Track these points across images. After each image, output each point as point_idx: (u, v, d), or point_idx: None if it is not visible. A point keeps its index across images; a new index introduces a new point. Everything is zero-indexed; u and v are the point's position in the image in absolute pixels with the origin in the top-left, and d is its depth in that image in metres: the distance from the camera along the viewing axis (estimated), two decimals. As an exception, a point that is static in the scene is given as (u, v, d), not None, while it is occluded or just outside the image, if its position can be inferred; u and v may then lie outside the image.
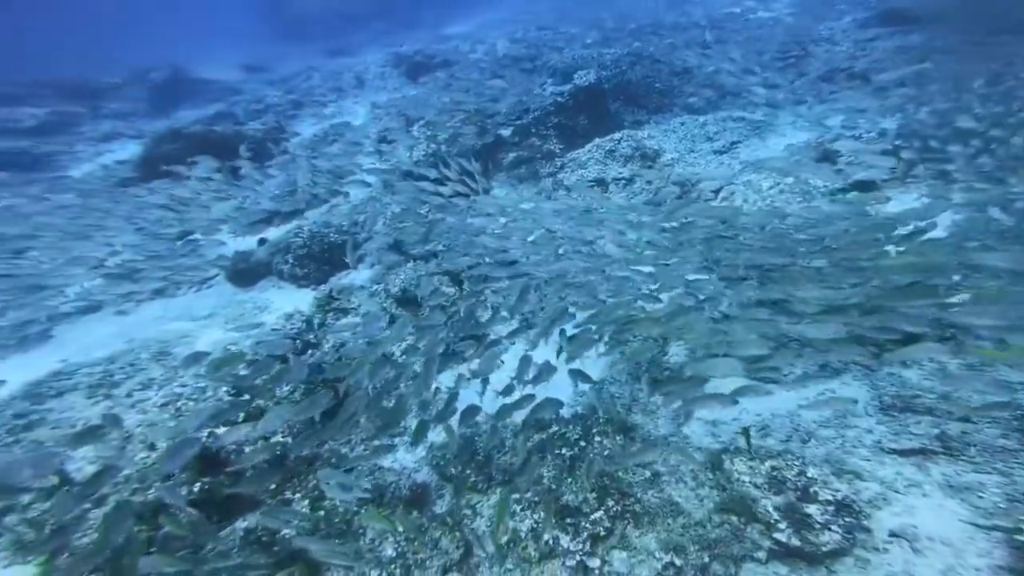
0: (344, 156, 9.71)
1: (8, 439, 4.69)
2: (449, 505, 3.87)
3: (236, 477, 3.83)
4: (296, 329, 5.76)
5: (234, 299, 7.77)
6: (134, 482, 3.77)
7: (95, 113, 16.73)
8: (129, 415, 4.66)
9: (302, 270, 7.61)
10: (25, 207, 7.47)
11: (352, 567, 3.41)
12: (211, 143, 10.31)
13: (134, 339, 6.62)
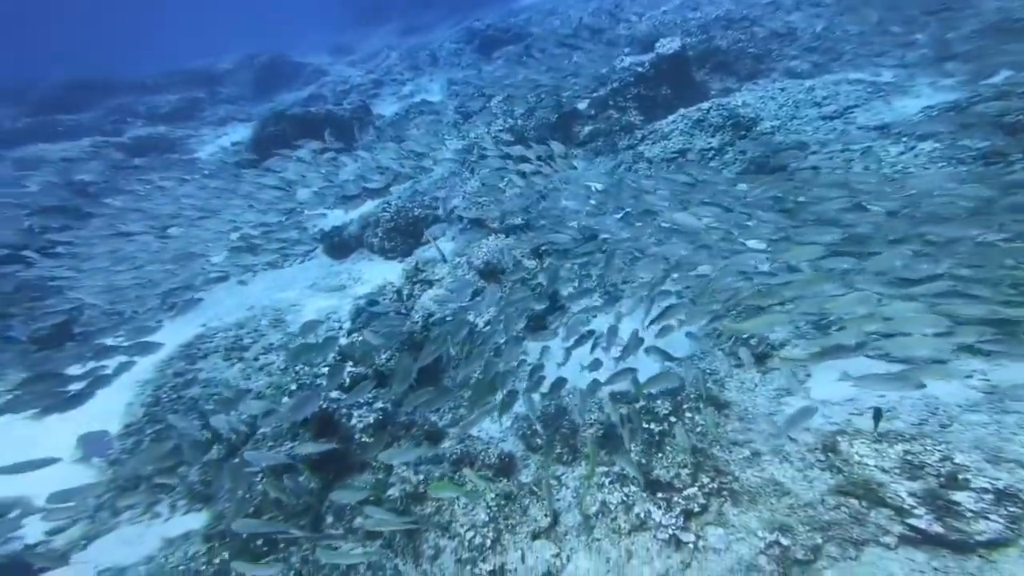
0: (424, 133, 9.61)
1: (174, 395, 5.15)
2: (535, 475, 3.82)
3: (347, 440, 3.98)
4: (388, 299, 5.85)
5: (331, 270, 8.07)
6: (269, 440, 3.99)
7: (213, 98, 17.71)
8: (259, 377, 4.98)
9: (389, 243, 7.75)
10: (169, 187, 8.03)
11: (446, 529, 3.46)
12: (308, 124, 10.57)
13: (254, 307, 7.07)
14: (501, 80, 10.12)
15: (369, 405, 4.19)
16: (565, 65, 8.97)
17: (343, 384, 4.47)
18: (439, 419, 4.55)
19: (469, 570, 3.27)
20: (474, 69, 14.46)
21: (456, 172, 8.32)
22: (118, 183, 10.02)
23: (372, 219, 7.98)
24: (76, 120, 15.15)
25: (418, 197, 8.08)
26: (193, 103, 17.29)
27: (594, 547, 3.26)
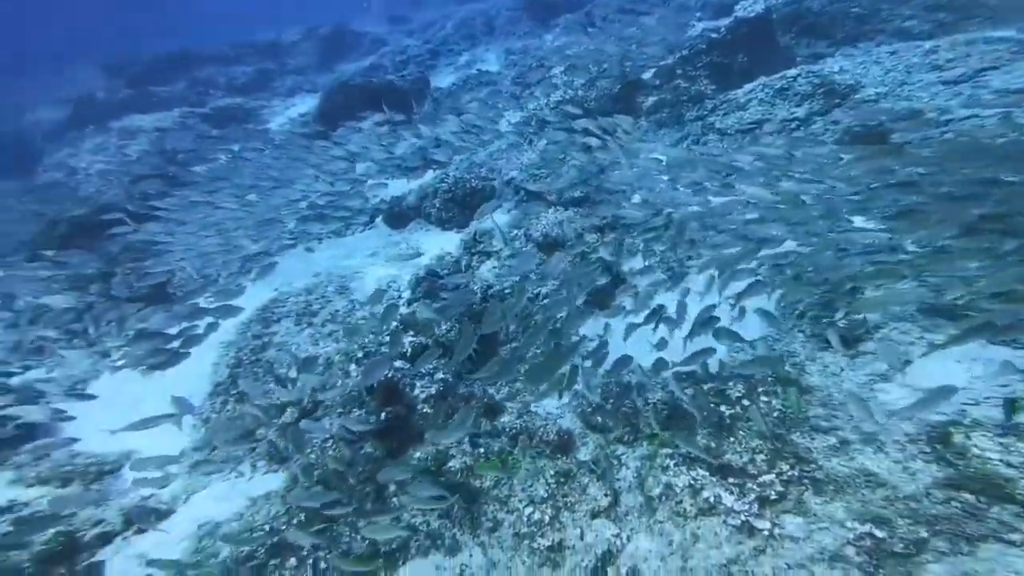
0: (481, 105, 9.31)
1: (253, 357, 5.39)
2: (594, 453, 3.73)
3: (409, 410, 4.02)
4: (447, 270, 5.81)
5: (390, 239, 8.14)
6: (337, 406, 4.09)
7: (282, 69, 18.02)
8: (327, 343, 5.11)
9: (447, 213, 7.68)
10: (248, 157, 8.25)
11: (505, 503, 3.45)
12: (370, 94, 10.53)
13: (320, 273, 7.25)
14: (562, 49, 9.53)
15: (431, 376, 4.20)
16: (631, 33, 8.28)
17: (405, 353, 4.51)
18: (496, 392, 4.53)
19: (527, 544, 3.26)
20: (532, 38, 13.81)
21: (514, 144, 8.05)
22: (204, 152, 10.44)
23: (430, 190, 7.92)
24: (168, 91, 15.87)
25: (475, 169, 7.92)
26: (265, 74, 17.66)
27: (656, 528, 3.15)
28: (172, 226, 6.93)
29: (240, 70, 17.50)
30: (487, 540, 3.42)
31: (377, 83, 11.15)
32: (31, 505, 4.17)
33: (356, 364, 4.44)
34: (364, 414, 4.00)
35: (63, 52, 20.13)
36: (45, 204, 8.68)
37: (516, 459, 3.71)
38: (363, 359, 4.49)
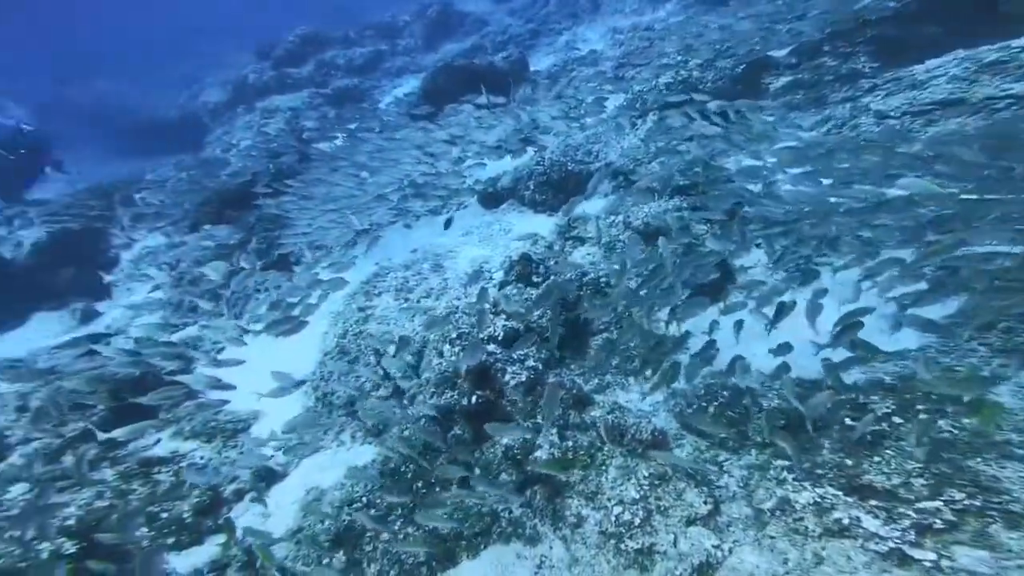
0: (582, 85, 8.79)
1: (356, 328, 5.64)
2: (692, 457, 3.40)
3: (499, 395, 3.94)
4: (540, 255, 5.61)
5: (483, 219, 8.08)
6: (431, 386, 4.12)
7: (393, 50, 18.52)
8: (423, 319, 5.16)
9: (540, 196, 7.44)
10: (361, 136, 8.54)
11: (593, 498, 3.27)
12: (472, 76, 10.40)
13: (417, 250, 7.40)
14: (678, 27, 8.56)
15: (522, 362, 4.08)
16: (774, 8, 6.78)
17: (497, 337, 4.43)
18: (585, 383, 4.32)
19: (614, 544, 3.08)
20: (640, 15, 12.73)
21: (616, 128, 7.51)
22: (326, 131, 11.05)
23: (525, 172, 7.71)
24: (299, 73, 17.00)
25: (571, 152, 7.54)
26: (378, 55, 18.22)
27: (766, 544, 2.82)
28: (299, 200, 7.41)
29: (358, 51, 18.21)
30: (569, 535, 3.29)
31: (478, 64, 10.99)
32: (187, 457, 4.69)
33: (450, 345, 4.43)
34: (456, 396, 3.98)
35: (231, 34, 22.05)
36: (206, 176, 9.77)
37: (602, 456, 3.50)
38: (457, 340, 4.48)
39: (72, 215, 10.00)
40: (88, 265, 9.54)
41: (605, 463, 3.48)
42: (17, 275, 9.06)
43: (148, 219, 10.40)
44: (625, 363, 4.42)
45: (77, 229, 9.83)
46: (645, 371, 3.85)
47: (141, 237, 10.29)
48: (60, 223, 9.74)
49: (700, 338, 3.86)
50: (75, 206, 10.33)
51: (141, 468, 4.46)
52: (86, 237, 9.89)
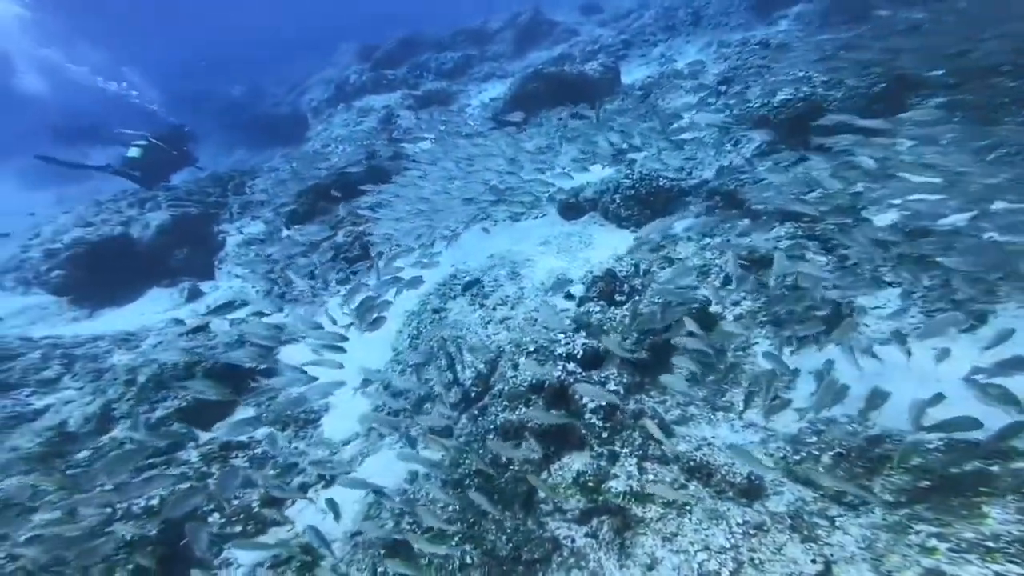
0: (678, 98, 8.39)
1: (430, 331, 5.70)
2: (794, 507, 3.00)
3: (575, 416, 3.75)
4: (625, 272, 5.35)
5: (562, 230, 7.92)
6: (503, 398, 4.02)
7: (482, 56, 19.03)
8: (498, 328, 5.12)
9: (626, 211, 7.15)
10: (449, 140, 8.77)
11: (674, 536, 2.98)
12: (562, 84, 10.34)
13: (494, 255, 7.39)
14: (800, 44, 7.74)
15: (602, 384, 3.86)
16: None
17: (575, 355, 4.24)
18: (666, 413, 4.01)
19: (695, 596, 2.77)
20: (747, 30, 11.95)
21: (714, 144, 7.07)
22: (417, 133, 11.49)
23: (611, 184, 7.46)
24: (394, 75, 17.97)
25: (663, 167, 7.19)
26: (467, 60, 18.79)
27: None
28: (387, 198, 7.70)
29: (449, 56, 18.90)
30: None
31: (569, 72, 10.90)
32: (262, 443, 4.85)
33: (526, 357, 4.31)
34: (530, 413, 3.84)
35: (351, 35, 23.86)
36: (304, 169, 10.54)
37: (686, 495, 3.20)
38: (533, 353, 4.35)
39: (193, 201, 11.18)
40: (200, 247, 10.62)
41: (689, 504, 3.18)
42: (142, 254, 10.24)
43: (252, 207, 11.38)
44: (714, 396, 4.06)
45: (195, 214, 10.95)
46: (743, 406, 3.47)
47: (246, 224, 11.28)
48: (182, 208, 10.92)
49: (806, 377, 3.44)
50: (196, 192, 11.54)
51: (221, 451, 4.66)
52: (201, 221, 11.00)
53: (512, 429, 3.90)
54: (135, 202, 11.40)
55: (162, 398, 5.08)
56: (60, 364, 5.88)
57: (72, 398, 5.31)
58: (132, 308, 9.63)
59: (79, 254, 9.84)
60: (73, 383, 5.69)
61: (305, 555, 3.57)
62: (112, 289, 9.92)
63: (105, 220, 10.67)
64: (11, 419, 5.03)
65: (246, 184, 11.86)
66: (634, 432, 3.67)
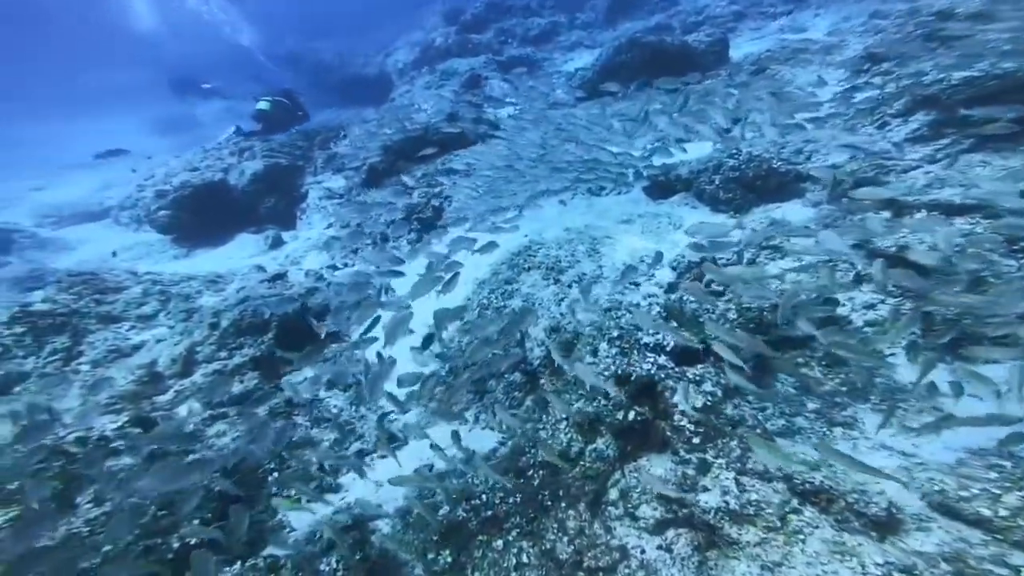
0: (803, 76, 7.29)
1: (499, 302, 5.40)
2: (952, 549, 2.42)
3: (661, 416, 3.31)
4: (725, 260, 4.71)
5: (648, 209, 7.27)
6: (578, 386, 3.65)
7: (571, 24, 18.12)
8: (575, 310, 4.69)
9: (725, 193, 6.36)
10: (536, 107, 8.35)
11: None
12: (661, 55, 9.42)
13: (571, 229, 6.92)
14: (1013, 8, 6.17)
15: (697, 384, 3.37)
16: None
17: (665, 347, 3.76)
18: (765, 420, 3.45)
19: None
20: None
21: (847, 126, 6.04)
22: (500, 97, 11.09)
23: (711, 163, 6.67)
24: (479, 39, 17.57)
25: (776, 147, 6.29)
26: (555, 27, 17.98)
27: None
28: (469, 161, 7.42)
29: (535, 22, 18.14)
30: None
31: (670, 43, 9.88)
32: (324, 404, 4.80)
33: (608, 344, 3.87)
34: (609, 407, 3.44)
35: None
36: (386, 128, 10.55)
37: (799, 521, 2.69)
38: (617, 340, 3.91)
39: (284, 153, 11.63)
40: (285, 197, 11.05)
41: (803, 532, 2.67)
42: (236, 200, 10.83)
43: (335, 162, 11.64)
44: (830, 409, 3.43)
45: (285, 165, 11.40)
46: (883, 422, 2.87)
47: (327, 178, 11.59)
48: (274, 158, 11.40)
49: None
50: (287, 145, 11.99)
51: (286, 408, 4.66)
52: (289, 173, 11.43)
53: (587, 422, 3.54)
54: (236, 151, 12.03)
55: (239, 345, 5.23)
56: (157, 301, 6.26)
57: (163, 336, 5.61)
58: (223, 251, 10.26)
59: (184, 196, 10.56)
60: (166, 320, 6.04)
61: (354, 529, 3.45)
62: (208, 231, 10.61)
63: (209, 166, 11.36)
64: (112, 352, 5.42)
65: (331, 140, 12.14)
66: (731, 441, 3.17)
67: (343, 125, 13.03)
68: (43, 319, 5.57)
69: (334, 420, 4.67)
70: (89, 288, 6.12)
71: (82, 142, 23.39)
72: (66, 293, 5.96)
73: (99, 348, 5.63)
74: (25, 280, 8.30)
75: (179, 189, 10.65)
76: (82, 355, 5.56)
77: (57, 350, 5.45)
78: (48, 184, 17.56)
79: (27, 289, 7.61)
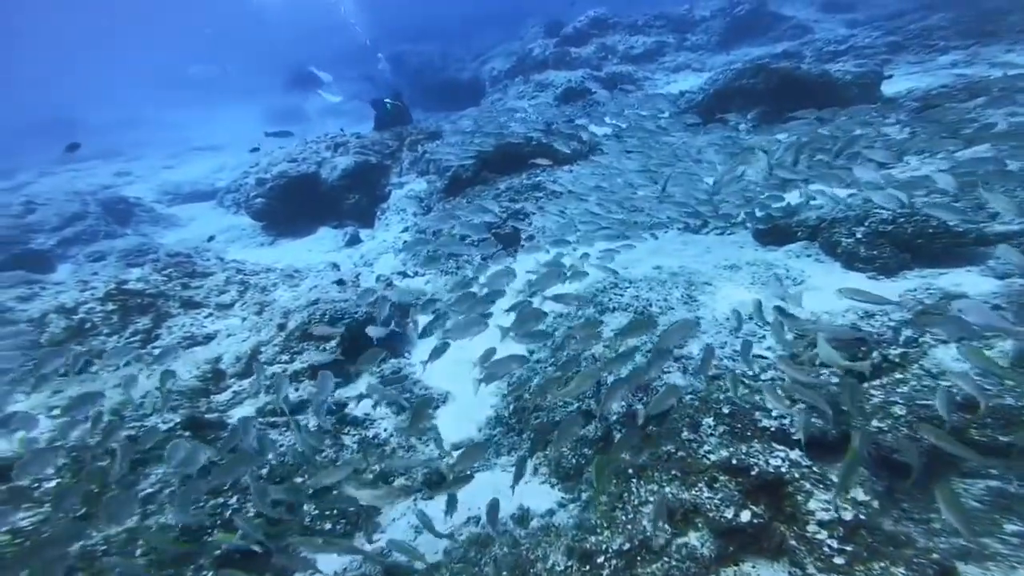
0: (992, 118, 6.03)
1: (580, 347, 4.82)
2: None
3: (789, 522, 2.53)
4: (882, 335, 3.77)
5: (757, 255, 6.32)
6: (676, 465, 2.97)
7: (679, 45, 17.36)
8: (670, 368, 3.97)
9: (868, 250, 5.29)
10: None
11: None
12: (794, 84, 8.39)
13: (662, 268, 6.18)
14: None
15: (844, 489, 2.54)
16: None
17: (791, 433, 2.96)
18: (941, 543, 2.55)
19: None
20: None
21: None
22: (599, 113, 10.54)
23: (854, 210, 5.63)
24: (579, 53, 17.29)
25: (943, 199, 5.13)
26: (660, 47, 17.30)
27: None
28: (555, 181, 6.96)
29: (639, 40, 17.55)
30: None
31: (809, 71, 8.77)
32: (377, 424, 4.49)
33: (715, 420, 3.15)
34: (717, 500, 2.73)
35: (524, 11, 24.00)
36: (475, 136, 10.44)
37: None
38: (727, 417, 3.17)
39: (374, 151, 11.95)
40: (369, 195, 11.29)
41: None
42: (324, 193, 11.24)
43: (419, 165, 11.73)
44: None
45: (374, 163, 11.69)
46: None
47: (410, 179, 11.71)
48: (364, 155, 11.73)
49: None
50: (378, 143, 12.31)
51: (335, 424, 4.38)
52: (376, 171, 11.69)
53: (681, 511, 2.86)
54: (331, 144, 12.57)
55: (301, 350, 5.10)
56: (236, 291, 6.40)
57: (233, 330, 5.65)
58: (304, 242, 10.64)
59: (279, 186, 11.14)
60: (240, 311, 6.13)
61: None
62: (294, 221, 11.09)
63: (306, 158, 11.94)
64: (186, 339, 5.55)
65: (420, 142, 12.27)
66: (893, 566, 2.34)
67: (434, 128, 13.19)
68: (133, 298, 5.83)
69: (380, 449, 4.34)
70: (180, 271, 6.39)
71: (215, 127, 26.32)
72: (159, 274, 6.25)
73: (176, 333, 5.79)
74: (133, 253, 9.09)
75: (276, 179, 11.24)
76: (159, 338, 5.74)
77: (139, 331, 5.67)
78: (177, 163, 19.72)
79: (131, 264, 8.26)
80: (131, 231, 12.02)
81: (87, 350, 4.78)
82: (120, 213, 12.46)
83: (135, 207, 13.14)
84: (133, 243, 10.12)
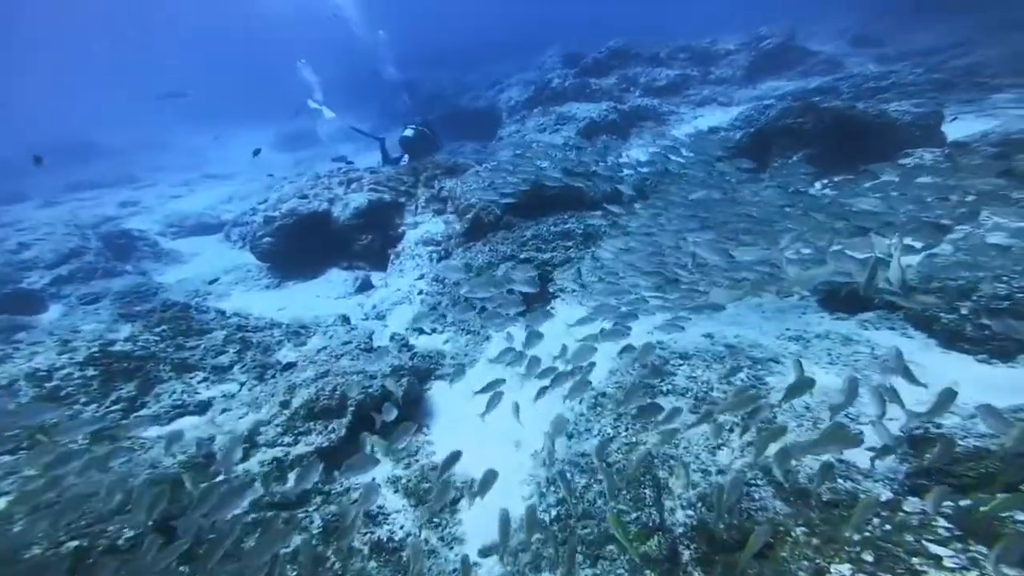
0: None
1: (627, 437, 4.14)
2: None
3: None
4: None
5: (827, 326, 5.60)
6: None
7: (703, 78, 17.06)
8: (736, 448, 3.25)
9: (977, 329, 4.56)
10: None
11: None
12: (849, 123, 7.81)
13: (713, 338, 5.48)
14: None
15: None
16: None
17: None
18: None
19: None
20: None
21: None
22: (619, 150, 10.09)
23: (952, 281, 4.91)
24: (599, 84, 16.98)
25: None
26: (685, 80, 17.00)
27: None
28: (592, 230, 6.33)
29: (662, 72, 17.25)
30: None
31: (867, 111, 8.16)
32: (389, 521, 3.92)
33: (852, 567, 2.38)
34: None
35: (540, 41, 23.99)
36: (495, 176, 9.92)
37: None
38: (872, 565, 2.40)
39: (389, 187, 11.42)
40: (382, 235, 10.72)
41: None
42: (335, 232, 10.68)
43: (436, 203, 11.19)
44: None
45: (388, 200, 11.14)
46: None
47: (426, 219, 11.13)
48: (378, 192, 11.21)
49: None
50: (393, 179, 11.76)
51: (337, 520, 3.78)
52: (390, 209, 11.11)
53: None
54: (344, 180, 12.05)
55: (307, 430, 4.41)
56: (235, 352, 5.76)
57: (230, 403, 5.00)
58: (312, 285, 10.03)
59: (288, 225, 10.61)
60: (240, 374, 5.49)
61: None
62: (302, 262, 10.53)
63: (317, 195, 11.41)
64: (176, 407, 4.90)
65: (436, 177, 11.72)
66: None
67: (452, 163, 12.73)
68: (119, 362, 5.21)
69: (396, 553, 3.64)
70: (173, 330, 5.78)
71: (229, 152, 26.40)
72: (151, 333, 5.64)
73: (164, 402, 5.14)
74: (129, 295, 8.54)
75: (285, 217, 10.74)
76: (145, 406, 5.09)
77: (121, 398, 5.02)
78: (187, 192, 19.51)
79: (124, 314, 7.69)
80: (131, 267, 11.54)
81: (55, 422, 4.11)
82: (121, 248, 12.02)
83: (137, 240, 12.71)
84: (131, 283, 9.60)
